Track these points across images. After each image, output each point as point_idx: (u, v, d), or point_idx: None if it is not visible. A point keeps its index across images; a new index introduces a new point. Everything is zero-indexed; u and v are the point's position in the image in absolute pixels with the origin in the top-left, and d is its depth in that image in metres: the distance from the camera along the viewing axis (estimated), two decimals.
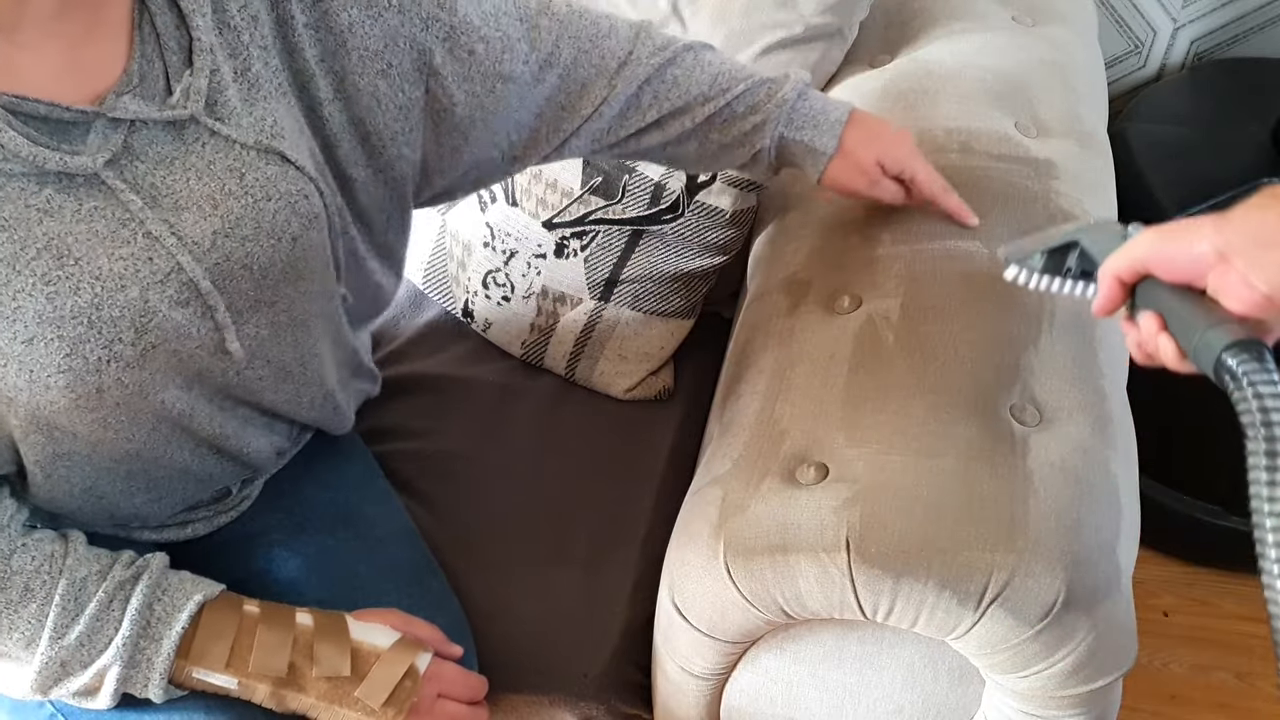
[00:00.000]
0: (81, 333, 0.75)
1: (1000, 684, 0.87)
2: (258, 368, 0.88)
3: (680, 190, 1.17)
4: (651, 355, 1.25)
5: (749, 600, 0.88)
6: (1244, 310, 0.67)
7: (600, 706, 1.03)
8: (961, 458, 0.87)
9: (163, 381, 0.81)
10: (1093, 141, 1.20)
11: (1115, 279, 0.76)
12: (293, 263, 0.84)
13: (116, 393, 0.79)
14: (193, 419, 0.86)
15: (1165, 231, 0.73)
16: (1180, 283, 0.71)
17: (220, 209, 0.79)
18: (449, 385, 1.25)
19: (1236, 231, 0.67)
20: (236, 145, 0.80)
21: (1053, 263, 0.85)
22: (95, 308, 0.75)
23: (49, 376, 0.75)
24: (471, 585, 1.07)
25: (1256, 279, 0.66)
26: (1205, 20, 1.71)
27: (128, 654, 0.81)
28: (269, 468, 1.03)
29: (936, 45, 1.28)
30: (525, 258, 1.23)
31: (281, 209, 0.82)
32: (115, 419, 0.81)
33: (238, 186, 0.80)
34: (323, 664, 0.86)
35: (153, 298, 0.77)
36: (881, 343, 0.96)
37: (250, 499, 1.04)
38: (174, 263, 0.78)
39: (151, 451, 0.86)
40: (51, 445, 0.80)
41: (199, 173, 0.79)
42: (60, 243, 0.74)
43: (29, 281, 0.73)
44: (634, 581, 1.08)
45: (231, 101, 0.80)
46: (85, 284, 0.75)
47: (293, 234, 0.83)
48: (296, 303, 0.87)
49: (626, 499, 1.15)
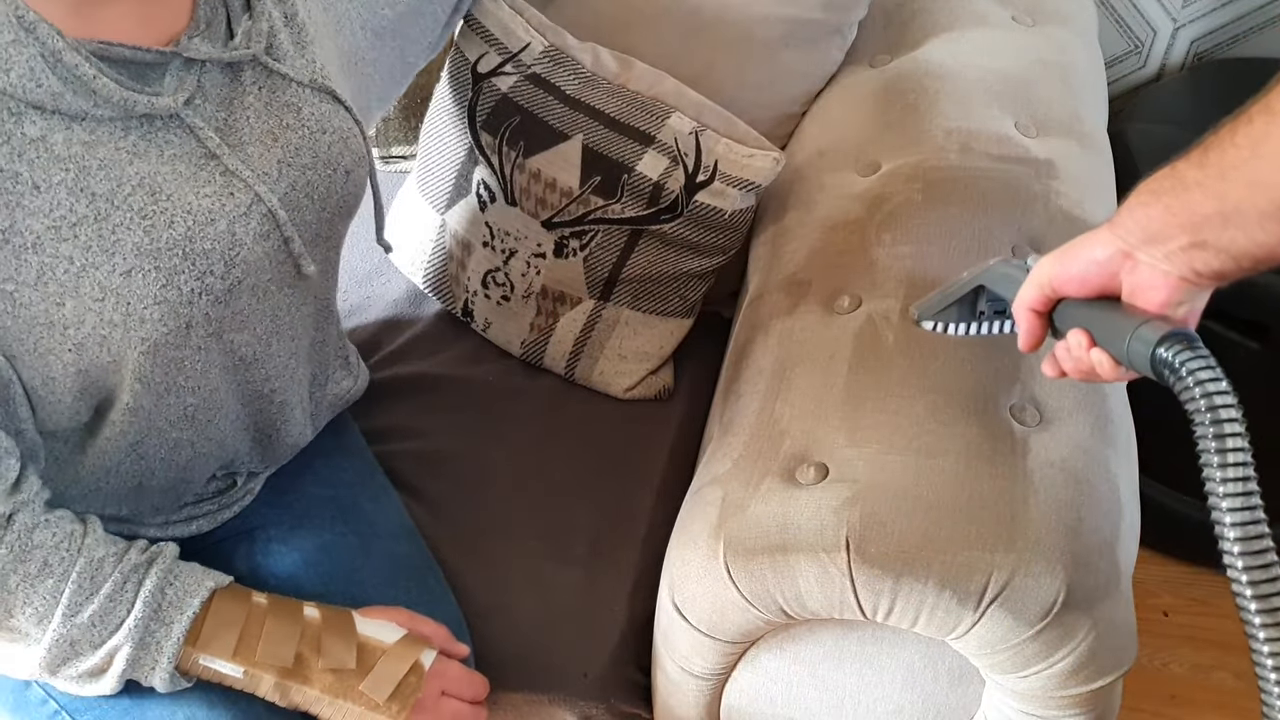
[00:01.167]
0: (177, 264, 0.80)
1: (1000, 684, 0.87)
2: (309, 300, 0.94)
3: (680, 190, 1.17)
4: (651, 355, 1.25)
5: (749, 600, 0.88)
6: (1164, 295, 0.69)
7: (600, 706, 1.03)
8: (961, 458, 0.87)
9: (240, 322, 0.86)
10: (1093, 141, 1.20)
11: (1030, 311, 0.77)
12: (345, 197, 0.92)
13: (202, 329, 0.83)
14: (254, 368, 0.91)
15: (1061, 252, 0.75)
16: (1094, 294, 0.73)
17: (280, 140, 0.86)
18: (449, 385, 1.25)
19: (1129, 230, 0.69)
20: (293, 83, 0.87)
21: (965, 310, 0.87)
22: (189, 240, 0.80)
23: (145, 309, 0.79)
24: (471, 584, 1.07)
25: (1167, 266, 0.68)
26: (1205, 20, 1.71)
27: (138, 635, 0.82)
28: (283, 457, 1.04)
29: (936, 45, 1.28)
30: (525, 257, 1.23)
31: (335, 142, 0.89)
32: (192, 362, 0.85)
33: (295, 120, 0.87)
34: (328, 657, 0.87)
35: (239, 230, 0.83)
36: (881, 343, 0.96)
37: (253, 494, 1.05)
38: (253, 194, 0.83)
39: (206, 410, 0.90)
40: (128, 394, 0.83)
41: (258, 111, 0.85)
42: (151, 181, 0.79)
43: (127, 215, 0.77)
44: (634, 581, 1.08)
45: (284, 44, 0.88)
46: (179, 218, 0.80)
47: (345, 167, 0.91)
48: (341, 235, 0.95)
49: (626, 499, 1.15)
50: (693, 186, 1.17)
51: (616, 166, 1.18)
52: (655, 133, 1.17)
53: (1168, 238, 0.67)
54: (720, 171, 1.16)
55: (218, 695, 0.86)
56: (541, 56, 1.19)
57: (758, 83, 1.27)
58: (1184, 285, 0.68)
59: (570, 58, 1.19)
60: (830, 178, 1.18)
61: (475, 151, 1.24)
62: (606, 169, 1.18)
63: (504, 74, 1.20)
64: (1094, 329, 0.73)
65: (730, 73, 1.26)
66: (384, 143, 1.50)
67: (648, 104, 1.17)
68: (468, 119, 1.24)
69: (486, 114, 1.22)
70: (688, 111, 1.17)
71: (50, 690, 0.89)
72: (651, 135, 1.17)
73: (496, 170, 1.22)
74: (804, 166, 1.22)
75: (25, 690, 0.90)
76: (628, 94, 1.18)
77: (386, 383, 1.25)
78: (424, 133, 1.32)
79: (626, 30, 1.28)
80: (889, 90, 1.24)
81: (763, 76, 1.27)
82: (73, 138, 0.76)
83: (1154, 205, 0.67)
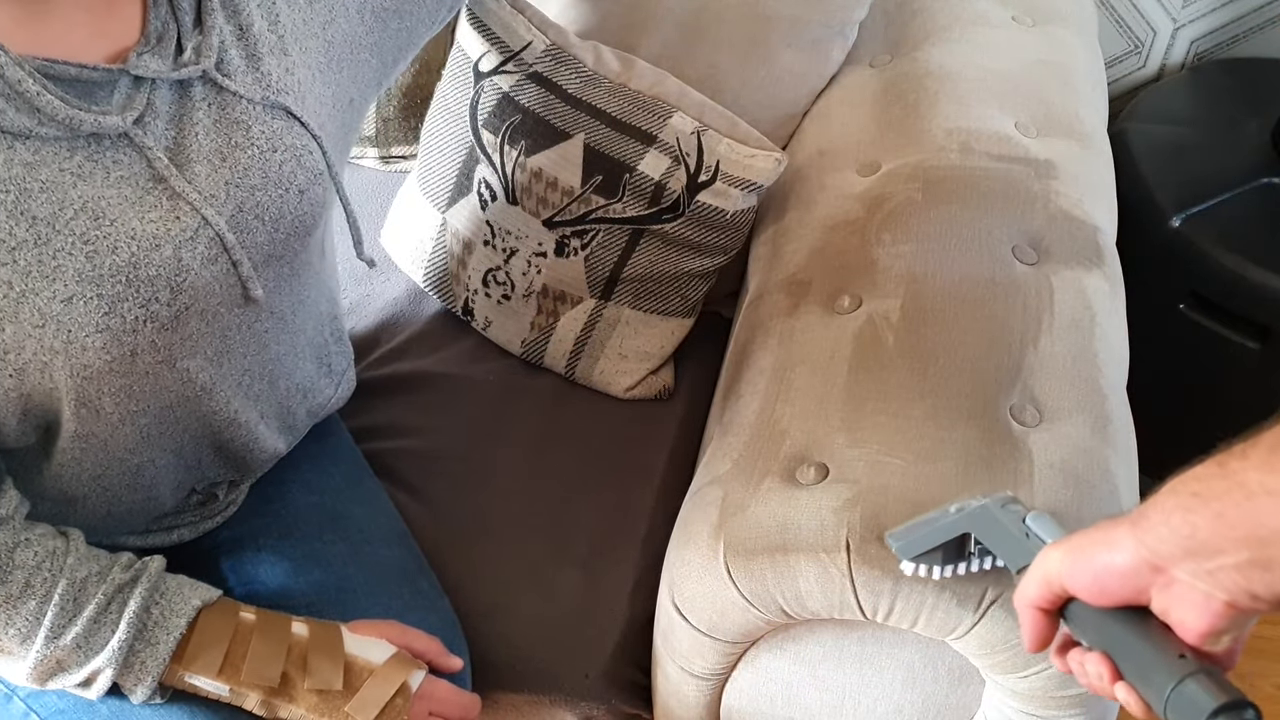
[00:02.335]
0: (120, 291, 0.77)
1: (1000, 684, 0.87)
2: (264, 319, 0.90)
3: (681, 190, 1.17)
4: (652, 354, 1.25)
5: (749, 600, 0.88)
6: (1206, 624, 0.56)
7: (600, 706, 1.03)
8: (961, 458, 0.87)
9: (190, 348, 0.83)
10: (1093, 141, 1.20)
11: (1035, 611, 0.65)
12: (300, 216, 0.88)
13: (149, 357, 0.81)
14: (212, 395, 0.88)
15: (1076, 548, 0.62)
16: (1117, 605, 0.60)
17: (229, 160, 0.82)
18: (449, 384, 1.25)
19: (1163, 540, 0.56)
20: (243, 100, 0.83)
21: (953, 552, 0.78)
22: (133, 267, 0.77)
23: (87, 336, 0.76)
24: (471, 585, 1.07)
25: (1210, 587, 0.55)
26: (1205, 20, 1.71)
27: (122, 657, 0.82)
28: (261, 469, 1.03)
29: (936, 45, 1.28)
30: (525, 256, 1.23)
31: (287, 160, 0.85)
32: (141, 389, 0.82)
33: (244, 139, 0.83)
34: (315, 676, 0.86)
35: (185, 256, 0.80)
36: (882, 343, 0.96)
37: (236, 504, 1.04)
38: (199, 218, 0.80)
39: (162, 434, 0.87)
40: (75, 421, 0.81)
41: (207, 129, 0.82)
42: (95, 205, 0.76)
43: (69, 240, 0.75)
44: (634, 581, 1.08)
45: (235, 60, 0.84)
46: (123, 243, 0.77)
47: (299, 186, 0.87)
48: (299, 254, 0.90)
49: (626, 499, 1.15)
50: (694, 186, 1.17)
51: (618, 166, 1.18)
52: (657, 132, 1.17)
53: (1217, 552, 0.54)
54: (722, 172, 1.16)
55: (200, 704, 0.86)
56: (543, 55, 1.19)
57: (759, 83, 1.27)
58: (1232, 612, 0.55)
59: (572, 56, 1.19)
60: (830, 178, 1.18)
61: (476, 150, 1.24)
62: (608, 168, 1.18)
63: (506, 72, 1.20)
64: (1120, 660, 0.60)
65: (732, 73, 1.26)
66: (384, 143, 1.50)
67: (649, 103, 1.17)
68: (469, 118, 1.24)
69: (488, 113, 1.22)
70: (690, 111, 1.17)
71: (31, 704, 0.89)
72: (653, 135, 1.17)
73: (498, 169, 1.22)
74: (804, 166, 1.22)
75: (7, 704, 0.90)
76: (630, 93, 1.18)
77: (386, 381, 1.25)
78: (425, 131, 1.32)
79: (629, 30, 1.28)
80: (889, 90, 1.24)
81: (764, 77, 1.27)
82: (14, 158, 0.73)
83: (1200, 511, 0.54)
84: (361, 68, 0.97)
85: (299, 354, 0.98)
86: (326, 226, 0.99)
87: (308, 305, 0.97)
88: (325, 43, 0.92)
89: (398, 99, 1.45)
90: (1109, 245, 1.10)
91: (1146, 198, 1.49)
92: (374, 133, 1.48)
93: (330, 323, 1.05)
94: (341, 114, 0.95)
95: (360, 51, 0.96)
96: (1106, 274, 1.06)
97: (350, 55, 0.95)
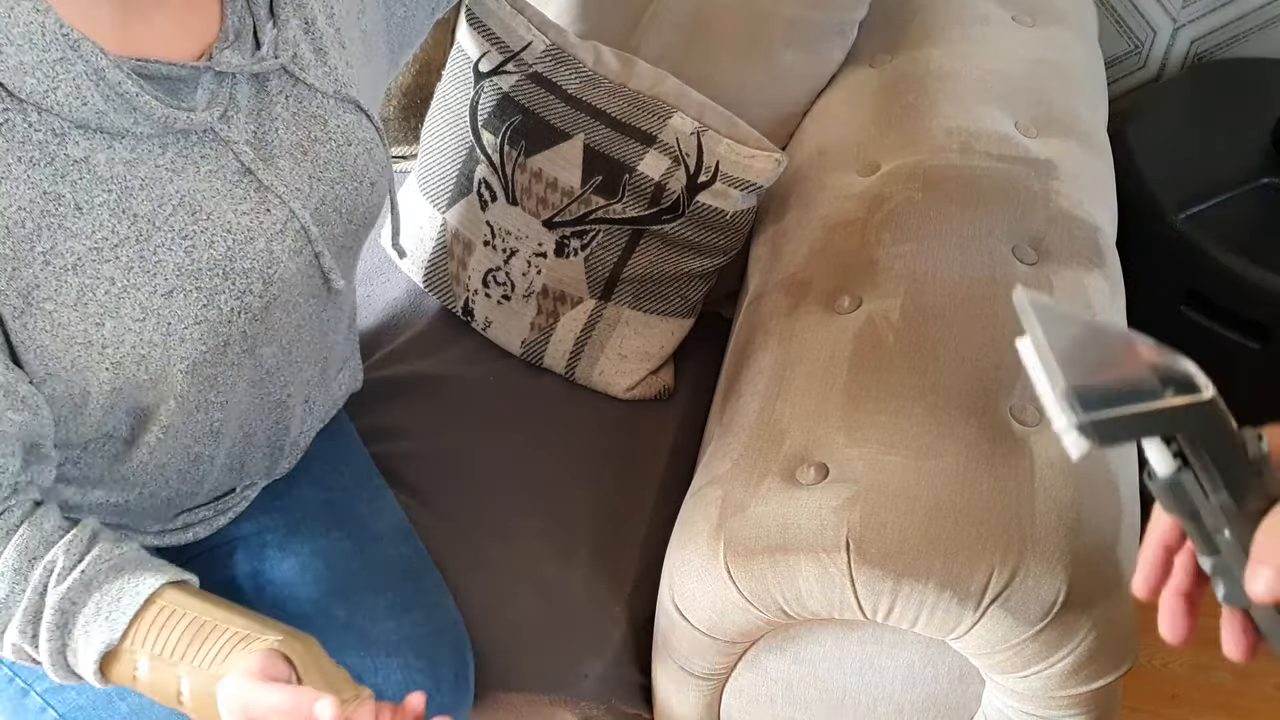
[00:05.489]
0: (217, 283, 0.79)
1: (1000, 684, 0.87)
2: (331, 308, 0.93)
3: (680, 190, 1.17)
4: (651, 355, 1.25)
5: (749, 600, 0.88)
6: None
7: (600, 706, 1.03)
8: (962, 458, 0.87)
9: (271, 336, 0.86)
10: (1093, 141, 1.20)
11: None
12: (370, 208, 0.91)
13: (238, 346, 0.83)
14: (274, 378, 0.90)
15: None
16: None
17: (309, 154, 0.85)
18: (449, 384, 1.25)
19: None
20: (318, 94, 0.86)
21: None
22: (229, 259, 0.79)
23: (185, 329, 0.78)
24: (471, 585, 1.07)
25: None
26: (1205, 20, 1.71)
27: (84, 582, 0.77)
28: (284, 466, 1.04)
29: (936, 45, 1.28)
30: (525, 256, 1.23)
31: (360, 154, 0.88)
32: (225, 378, 0.85)
33: (322, 132, 0.86)
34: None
35: (275, 248, 0.82)
36: (881, 343, 0.96)
37: (248, 500, 1.05)
38: (288, 211, 0.83)
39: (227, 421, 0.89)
40: (165, 414, 0.83)
41: (286, 122, 0.84)
42: (191, 199, 0.78)
43: (168, 236, 0.77)
44: (634, 581, 1.08)
45: (306, 54, 0.85)
46: (219, 237, 0.79)
47: (370, 178, 0.90)
48: (363, 245, 0.94)
49: (626, 499, 1.15)
50: (694, 187, 1.17)
51: (618, 166, 1.18)
52: (657, 133, 1.17)
53: None
54: (722, 172, 1.16)
55: None
56: (543, 55, 1.19)
57: (759, 83, 1.27)
58: None
59: (572, 57, 1.19)
60: (830, 178, 1.18)
61: (476, 150, 1.24)
62: (608, 169, 1.18)
63: (505, 73, 1.20)
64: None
65: (732, 73, 1.26)
66: None
67: (649, 104, 1.17)
68: (469, 118, 1.24)
69: (488, 113, 1.22)
70: (689, 112, 1.17)
71: (49, 699, 0.89)
72: (653, 135, 1.17)
73: (498, 169, 1.22)
74: (804, 166, 1.22)
75: (23, 698, 0.90)
76: (629, 93, 1.18)
77: (386, 381, 1.25)
78: (425, 131, 1.32)
79: (629, 30, 1.28)
80: (889, 90, 1.24)
81: (764, 77, 1.27)
82: (115, 157, 0.75)
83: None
84: (378, 59, 0.98)
85: (344, 337, 1.02)
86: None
87: (349, 292, 1.01)
88: (361, 33, 0.93)
89: (398, 99, 1.46)
90: (1109, 245, 1.10)
91: (1146, 198, 1.49)
92: None
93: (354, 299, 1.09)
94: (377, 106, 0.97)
95: (378, 42, 0.97)
96: (1106, 274, 1.06)
97: (374, 47, 0.96)
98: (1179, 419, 0.52)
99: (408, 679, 0.95)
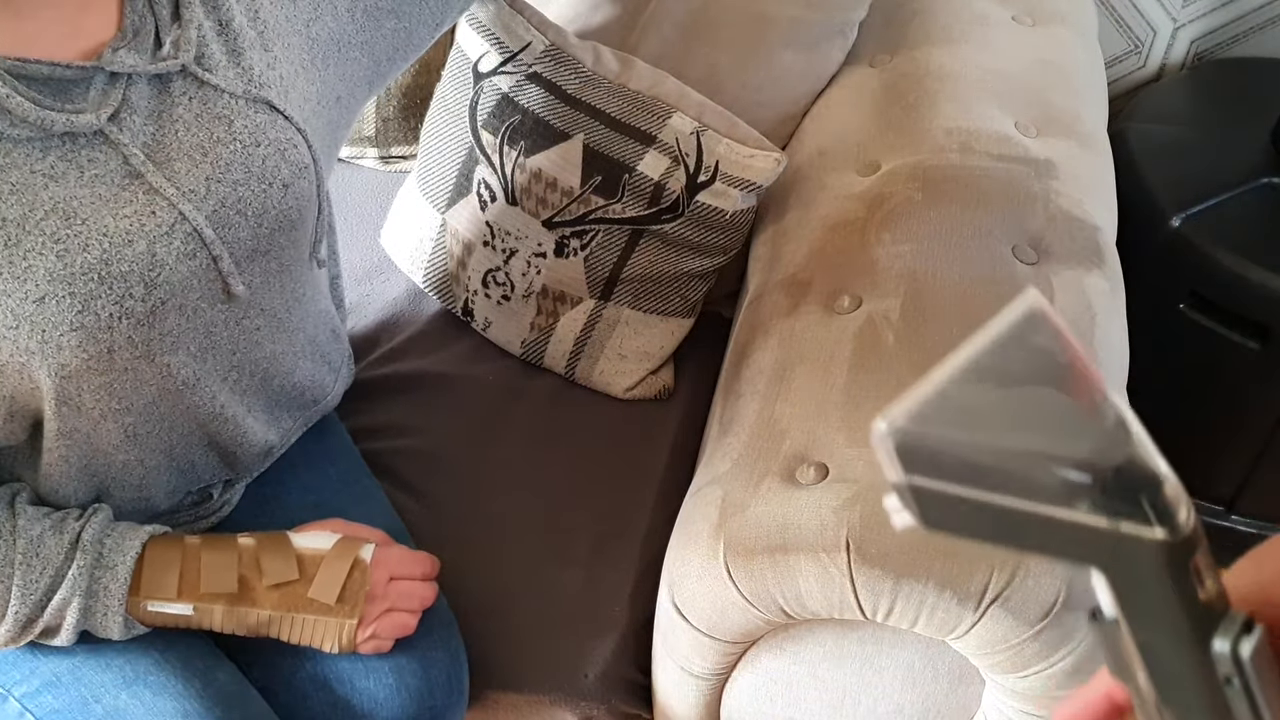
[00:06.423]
0: (93, 289, 0.77)
1: (1000, 684, 0.87)
2: (253, 316, 0.90)
3: (680, 190, 1.17)
4: (651, 355, 1.25)
5: (749, 600, 0.88)
6: None
7: (600, 706, 1.03)
8: None
9: (170, 343, 0.83)
10: (1093, 141, 1.20)
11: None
12: (285, 211, 0.87)
13: (126, 353, 0.80)
14: (196, 390, 0.88)
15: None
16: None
17: (210, 155, 0.82)
18: (448, 384, 1.25)
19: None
20: (224, 94, 0.83)
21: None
22: (105, 263, 0.77)
23: (61, 335, 0.76)
24: (471, 585, 1.07)
25: None
26: (1205, 20, 1.71)
27: (85, 584, 0.83)
28: (255, 466, 1.03)
29: (936, 45, 1.28)
30: (525, 256, 1.23)
31: (271, 154, 0.85)
32: (121, 385, 0.82)
33: (226, 133, 0.83)
34: (270, 574, 0.88)
35: (160, 250, 0.79)
36: (881, 342, 0.96)
37: (231, 504, 1.04)
38: (176, 213, 0.80)
39: (149, 431, 0.88)
40: (57, 420, 0.82)
41: (187, 124, 0.81)
42: (67, 205, 0.76)
43: (39, 241, 0.75)
44: (634, 581, 1.08)
45: (215, 54, 0.83)
46: (94, 241, 0.77)
47: (283, 180, 0.86)
48: (287, 250, 0.90)
49: (626, 499, 1.15)
50: (694, 187, 1.17)
51: (617, 166, 1.18)
52: (656, 133, 1.17)
53: None
54: (721, 172, 1.16)
55: (167, 646, 0.88)
56: (543, 55, 1.19)
57: (759, 83, 1.27)
58: None
59: (571, 57, 1.19)
60: (830, 178, 1.18)
61: (476, 151, 1.24)
62: (607, 169, 1.18)
63: (505, 73, 1.20)
64: None
65: (731, 73, 1.26)
66: (384, 143, 1.50)
67: (649, 104, 1.17)
68: (469, 118, 1.24)
69: (488, 113, 1.22)
70: (689, 111, 1.17)
71: (26, 704, 0.89)
72: (653, 135, 1.17)
73: (497, 169, 1.22)
74: (804, 166, 1.22)
75: (2, 704, 0.90)
76: (629, 93, 1.18)
77: (385, 381, 1.25)
78: (425, 132, 1.32)
79: (629, 30, 1.28)
80: (889, 90, 1.24)
81: (764, 77, 1.27)
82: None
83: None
84: (351, 65, 0.96)
85: (298, 353, 0.98)
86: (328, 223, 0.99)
87: (304, 303, 0.97)
88: (309, 39, 0.91)
89: (398, 99, 1.45)
90: (1109, 245, 1.10)
91: (1146, 198, 1.49)
92: (374, 133, 1.48)
93: (328, 320, 1.05)
94: (328, 110, 0.94)
95: (349, 49, 0.96)
96: (1106, 274, 1.06)
97: (337, 53, 0.94)
98: (1093, 547, 0.33)
99: (400, 681, 0.94)
